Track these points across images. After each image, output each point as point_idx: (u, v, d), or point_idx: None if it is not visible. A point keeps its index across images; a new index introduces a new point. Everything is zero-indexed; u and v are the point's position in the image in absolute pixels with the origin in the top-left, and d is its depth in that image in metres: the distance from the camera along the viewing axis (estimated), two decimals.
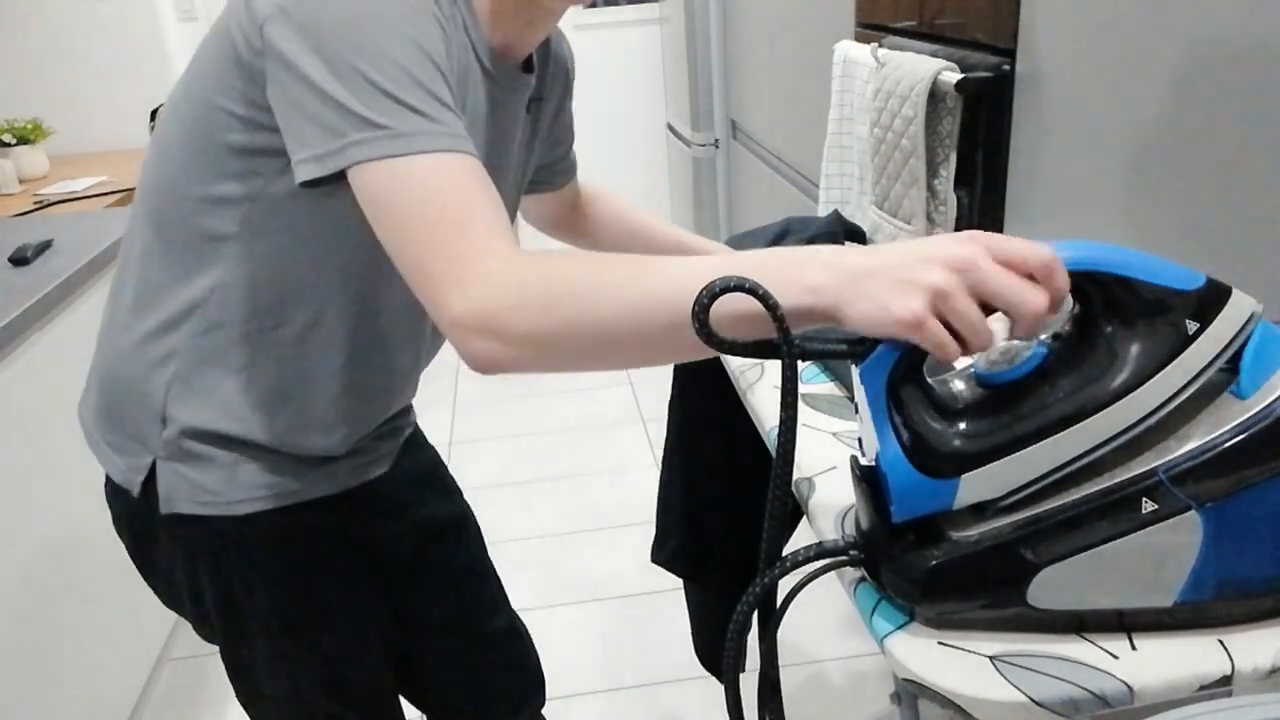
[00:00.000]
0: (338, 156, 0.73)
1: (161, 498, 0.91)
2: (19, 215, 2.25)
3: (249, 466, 0.92)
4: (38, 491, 1.60)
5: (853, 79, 1.63)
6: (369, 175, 0.73)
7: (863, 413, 0.66)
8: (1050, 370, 0.65)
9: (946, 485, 0.64)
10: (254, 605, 0.96)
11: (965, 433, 0.65)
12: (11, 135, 2.62)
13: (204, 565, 0.95)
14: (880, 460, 0.65)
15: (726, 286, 0.61)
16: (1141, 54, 0.99)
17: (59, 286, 1.69)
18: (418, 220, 0.71)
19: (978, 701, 0.62)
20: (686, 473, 1.40)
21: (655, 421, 2.99)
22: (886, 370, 0.64)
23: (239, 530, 0.93)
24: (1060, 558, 0.64)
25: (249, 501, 0.92)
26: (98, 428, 0.97)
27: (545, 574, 2.33)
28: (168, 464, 0.91)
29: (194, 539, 0.93)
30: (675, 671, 1.99)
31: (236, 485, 0.91)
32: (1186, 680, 0.62)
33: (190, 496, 0.91)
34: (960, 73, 1.29)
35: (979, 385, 0.67)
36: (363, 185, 0.73)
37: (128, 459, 0.93)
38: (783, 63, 2.31)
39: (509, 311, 0.67)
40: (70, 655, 1.65)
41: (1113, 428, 0.63)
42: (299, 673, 1.00)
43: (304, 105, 0.74)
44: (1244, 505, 0.63)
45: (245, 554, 0.94)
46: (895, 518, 0.66)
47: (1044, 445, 0.63)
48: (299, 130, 0.75)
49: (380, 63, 0.73)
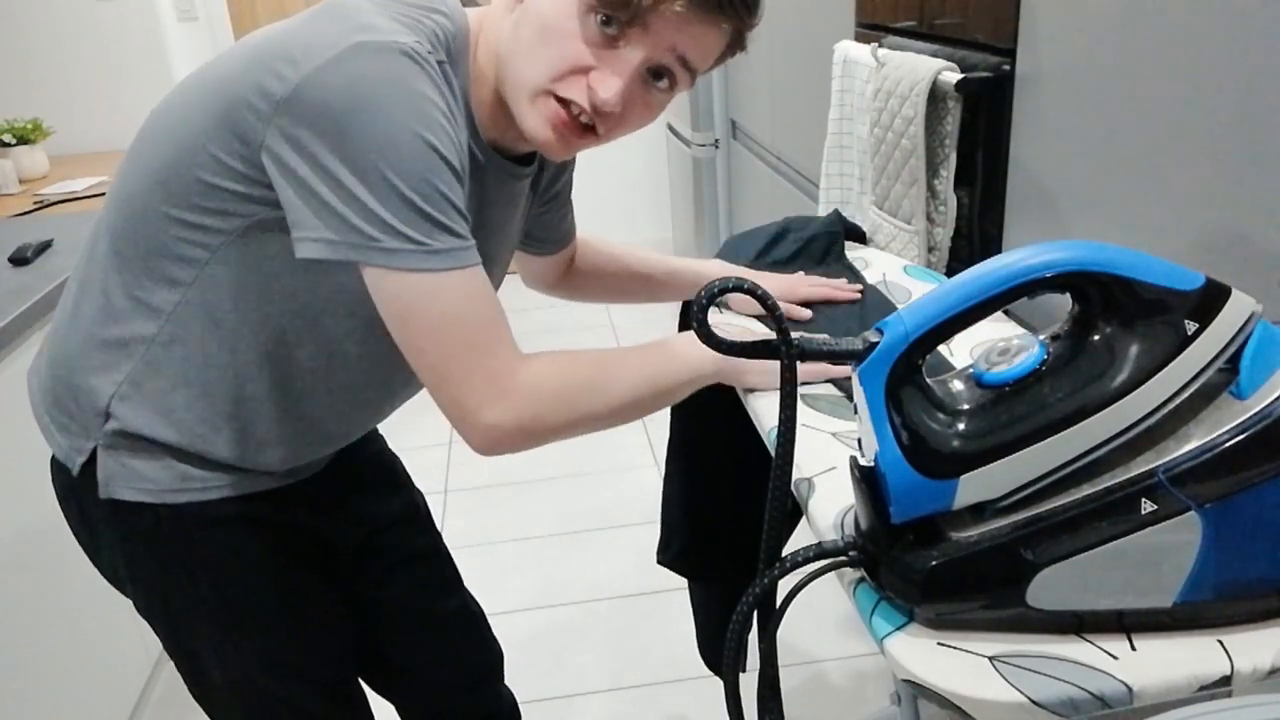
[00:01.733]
0: (359, 251, 0.77)
1: (100, 481, 0.91)
2: (19, 215, 2.25)
3: (185, 466, 0.92)
4: (37, 491, 1.60)
5: (853, 79, 1.63)
6: (396, 283, 0.78)
7: (862, 413, 0.66)
8: (1049, 371, 0.65)
9: (946, 486, 0.64)
10: (195, 590, 0.96)
11: (964, 433, 0.64)
12: (11, 135, 2.62)
13: (142, 550, 0.95)
14: (879, 461, 0.66)
15: (725, 287, 0.62)
16: (1141, 54, 0.99)
17: (59, 286, 1.69)
18: (453, 337, 0.80)
19: (977, 702, 0.62)
20: (690, 474, 1.40)
21: (655, 421, 2.99)
22: (886, 370, 0.64)
23: (176, 517, 0.93)
24: (1060, 558, 0.64)
25: (186, 492, 0.92)
26: (43, 402, 0.96)
27: (545, 574, 2.33)
28: (108, 452, 0.91)
29: (132, 524, 0.94)
30: (675, 671, 1.99)
31: (174, 476, 0.92)
32: (1186, 681, 0.62)
33: (128, 483, 0.91)
34: (960, 73, 1.28)
35: (978, 386, 0.67)
36: (387, 289, 0.79)
37: (69, 439, 0.93)
38: (783, 63, 2.31)
39: (543, 417, 0.83)
40: (70, 655, 1.65)
41: (1112, 428, 0.63)
42: (245, 658, 1.00)
43: (318, 193, 0.76)
44: (1244, 506, 0.63)
45: (183, 540, 0.94)
46: (894, 518, 0.66)
47: (1043, 445, 0.63)
48: (309, 213, 0.77)
49: (403, 170, 0.75)
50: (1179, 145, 0.95)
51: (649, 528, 2.47)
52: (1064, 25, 1.12)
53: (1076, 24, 1.10)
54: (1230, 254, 0.91)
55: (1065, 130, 1.14)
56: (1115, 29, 1.03)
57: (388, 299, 0.80)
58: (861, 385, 0.65)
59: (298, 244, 0.78)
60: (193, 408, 0.90)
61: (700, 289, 0.62)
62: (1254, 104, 0.86)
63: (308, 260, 0.79)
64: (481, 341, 0.81)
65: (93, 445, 0.91)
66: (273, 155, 0.77)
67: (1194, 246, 0.95)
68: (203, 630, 0.99)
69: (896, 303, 1.26)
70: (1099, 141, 1.08)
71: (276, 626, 1.01)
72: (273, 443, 0.94)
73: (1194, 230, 0.95)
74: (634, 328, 3.71)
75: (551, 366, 0.85)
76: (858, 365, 0.65)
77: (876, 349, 0.63)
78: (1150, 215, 1.01)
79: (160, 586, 0.98)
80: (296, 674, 1.04)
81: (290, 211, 0.78)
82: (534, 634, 2.13)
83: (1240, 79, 0.87)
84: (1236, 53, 0.87)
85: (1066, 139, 1.14)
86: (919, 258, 1.41)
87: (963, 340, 1.13)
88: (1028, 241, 1.26)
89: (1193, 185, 0.94)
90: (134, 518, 0.93)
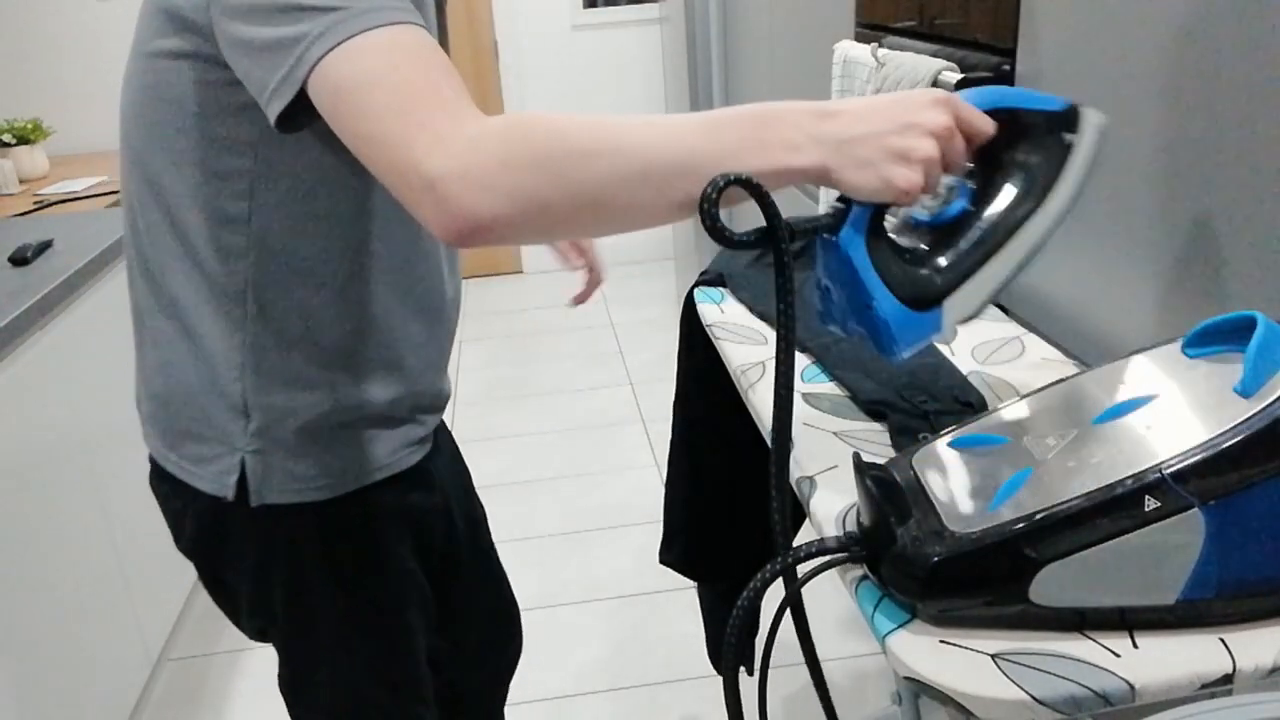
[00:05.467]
0: (297, 69, 0.70)
1: (251, 491, 0.92)
2: (19, 215, 2.25)
3: (326, 449, 0.93)
4: (37, 491, 1.60)
5: (853, 79, 1.63)
6: (325, 73, 0.69)
7: (849, 277, 0.72)
8: (978, 199, 0.76)
9: (933, 315, 0.74)
10: (323, 592, 0.98)
11: (934, 268, 0.74)
12: (11, 135, 2.62)
13: (280, 555, 0.96)
14: (878, 309, 0.72)
15: (728, 180, 0.64)
16: (1141, 54, 0.99)
17: (59, 286, 1.69)
18: (383, 91, 0.67)
19: (979, 700, 0.62)
20: (692, 474, 1.40)
21: (655, 421, 3.00)
22: (865, 231, 0.71)
23: (318, 517, 0.95)
24: (1062, 554, 0.64)
25: (328, 487, 0.94)
26: (174, 450, 0.96)
27: (546, 574, 2.33)
28: (256, 457, 0.92)
29: (273, 530, 0.95)
30: (675, 671, 1.99)
31: (318, 469, 0.93)
32: (1188, 679, 0.62)
33: (279, 486, 0.93)
34: (960, 73, 1.29)
35: (929, 229, 0.76)
36: (322, 86, 0.70)
37: (215, 466, 0.93)
38: (783, 63, 2.31)
39: (498, 166, 0.64)
40: (70, 655, 1.65)
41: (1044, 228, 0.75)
42: (356, 661, 1.02)
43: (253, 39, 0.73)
44: (1247, 504, 0.63)
45: (322, 541, 0.96)
46: (901, 354, 0.73)
47: (999, 257, 0.74)
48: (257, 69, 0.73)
49: None
50: (1178, 145, 0.96)
51: (649, 528, 2.47)
52: (1064, 25, 1.12)
53: (1076, 24, 1.10)
54: (1230, 253, 0.91)
55: None
56: (1115, 29, 1.03)
57: (326, 102, 0.70)
58: (847, 249, 0.71)
59: (267, 112, 0.74)
60: (310, 360, 0.91)
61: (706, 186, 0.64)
62: (1253, 103, 0.86)
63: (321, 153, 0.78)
64: (419, 87, 0.68)
65: (239, 457, 0.92)
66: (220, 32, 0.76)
67: (1194, 246, 0.95)
68: (322, 632, 1.00)
69: None
70: None
71: (391, 630, 1.03)
72: (388, 367, 0.95)
73: (1194, 230, 0.95)
74: (634, 327, 3.72)
75: (520, 117, 0.67)
76: (836, 233, 0.71)
77: (852, 212, 0.70)
78: (1150, 215, 1.01)
79: (289, 591, 0.98)
80: (397, 677, 1.05)
81: (251, 86, 0.75)
82: (534, 634, 2.13)
83: (1240, 79, 0.87)
84: (1236, 52, 0.87)
85: None
86: None
87: (963, 340, 1.13)
88: None
89: (1192, 184, 0.94)
90: (276, 522, 0.94)
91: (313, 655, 1.02)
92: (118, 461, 1.85)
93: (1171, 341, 0.75)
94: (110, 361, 1.91)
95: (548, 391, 3.27)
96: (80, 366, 1.79)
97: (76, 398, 1.76)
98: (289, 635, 1.02)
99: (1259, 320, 0.67)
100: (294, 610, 0.99)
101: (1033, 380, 1.02)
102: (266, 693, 1.94)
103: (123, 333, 1.95)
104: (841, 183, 0.67)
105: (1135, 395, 0.71)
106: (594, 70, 4.08)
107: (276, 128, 0.74)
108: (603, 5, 4.02)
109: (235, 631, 2.19)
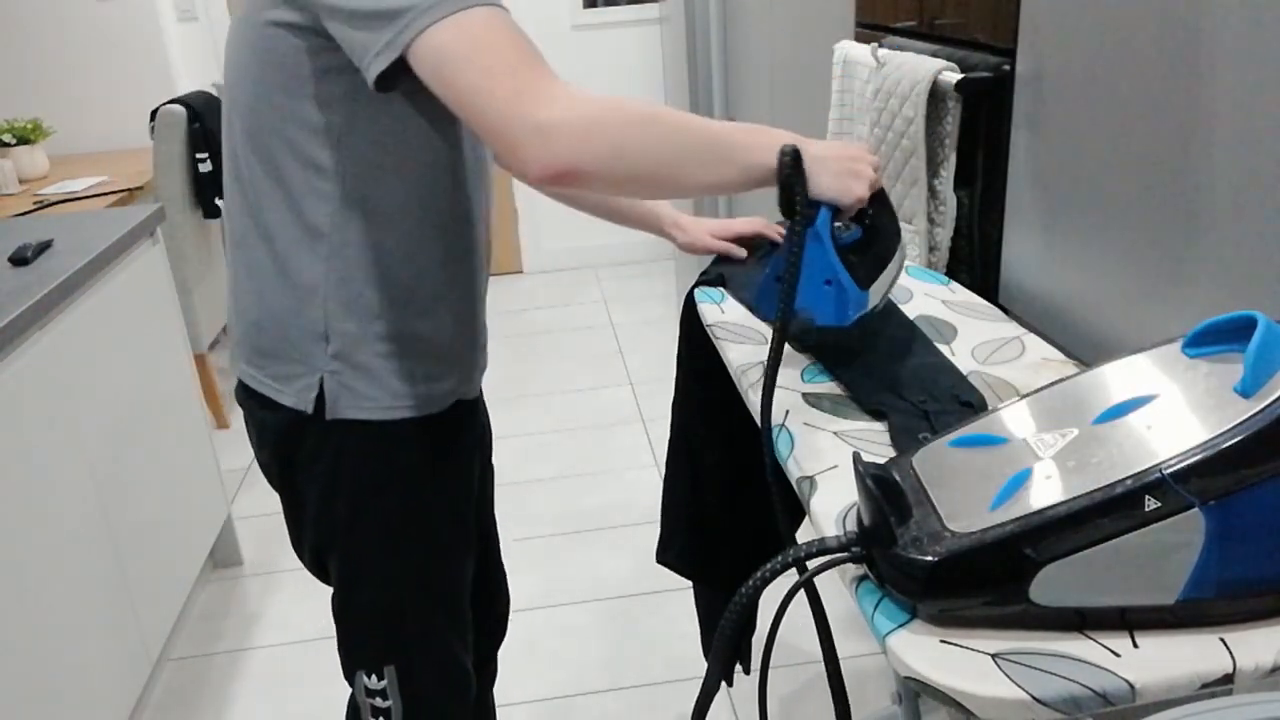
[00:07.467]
0: (403, 34, 0.82)
1: (327, 406, 1.04)
2: (19, 215, 2.25)
3: (396, 375, 1.05)
4: (37, 491, 1.60)
5: (853, 79, 1.63)
6: (430, 40, 0.82)
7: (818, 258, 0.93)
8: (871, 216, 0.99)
9: (865, 294, 0.96)
10: (383, 503, 1.08)
11: (859, 264, 0.96)
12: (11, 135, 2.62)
13: (347, 465, 1.07)
14: (841, 283, 0.94)
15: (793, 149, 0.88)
16: (1141, 54, 0.99)
17: (59, 286, 1.69)
18: (490, 55, 0.82)
19: (979, 699, 0.62)
20: (690, 474, 1.40)
21: (655, 421, 3.00)
22: (828, 228, 0.94)
23: (382, 433, 1.06)
24: (1062, 554, 0.64)
25: (398, 409, 1.06)
26: (261, 370, 1.07)
27: (545, 574, 2.33)
28: (334, 377, 1.03)
29: (343, 443, 1.06)
30: (675, 671, 1.99)
31: (389, 393, 1.05)
32: (1188, 678, 0.62)
33: (353, 403, 1.04)
34: (960, 73, 1.29)
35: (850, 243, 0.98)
36: (429, 50, 0.83)
37: (298, 384, 1.05)
38: (783, 63, 2.31)
39: (598, 124, 0.82)
40: (70, 655, 1.65)
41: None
42: (405, 571, 1.11)
43: (357, 8, 0.84)
44: (1247, 504, 0.63)
45: (386, 456, 1.07)
46: (851, 318, 0.95)
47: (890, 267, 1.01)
48: (359, 34, 0.85)
49: None
50: (1179, 145, 0.96)
51: (649, 528, 2.47)
52: (1064, 25, 1.12)
53: (1076, 24, 1.10)
54: (1231, 252, 0.91)
55: (1065, 130, 1.14)
56: (1115, 29, 1.03)
57: (431, 64, 0.83)
58: (821, 239, 0.93)
59: (368, 73, 0.85)
60: (380, 288, 1.02)
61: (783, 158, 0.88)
62: (1254, 103, 0.86)
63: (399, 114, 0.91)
64: (524, 56, 0.83)
65: (319, 376, 1.03)
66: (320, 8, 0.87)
67: (1194, 246, 0.95)
68: (375, 541, 1.09)
69: (897, 302, 1.26)
70: (1099, 141, 1.08)
71: (441, 542, 1.13)
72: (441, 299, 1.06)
73: (1194, 229, 0.95)
74: (634, 328, 3.72)
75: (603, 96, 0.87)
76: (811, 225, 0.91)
77: (820, 214, 0.93)
78: (1150, 215, 1.01)
79: (352, 499, 1.08)
80: (440, 586, 1.14)
81: (352, 50, 0.86)
82: (534, 634, 2.13)
83: (1240, 78, 0.87)
84: (1236, 52, 0.87)
85: (1066, 139, 1.14)
86: (920, 258, 1.41)
87: (963, 340, 1.13)
88: (1028, 241, 1.26)
89: (1192, 184, 0.94)
90: (349, 435, 1.05)
91: (365, 561, 1.11)
92: (118, 461, 1.85)
93: (1171, 341, 0.75)
94: (110, 361, 1.91)
95: (548, 391, 3.27)
96: (80, 366, 1.79)
97: (77, 397, 1.76)
98: (346, 543, 1.10)
99: (1259, 320, 0.67)
100: (353, 518, 1.08)
101: (1033, 380, 1.02)
102: (267, 693, 1.94)
103: (123, 333, 1.96)
104: (816, 184, 0.91)
105: (1135, 395, 0.71)
106: (594, 70, 4.08)
107: (375, 87, 0.86)
108: (603, 5, 4.01)
109: (235, 631, 2.20)
